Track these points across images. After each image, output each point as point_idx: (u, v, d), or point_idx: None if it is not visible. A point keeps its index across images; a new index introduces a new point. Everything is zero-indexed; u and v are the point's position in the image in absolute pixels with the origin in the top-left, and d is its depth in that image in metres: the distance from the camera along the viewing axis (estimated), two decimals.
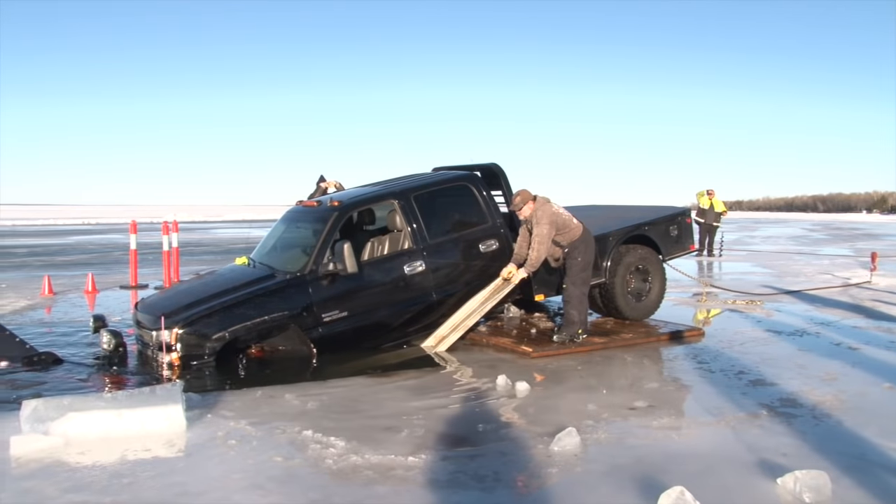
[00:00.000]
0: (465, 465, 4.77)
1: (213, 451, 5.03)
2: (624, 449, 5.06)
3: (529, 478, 4.59)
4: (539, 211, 8.11)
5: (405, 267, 8.19)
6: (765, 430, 5.42)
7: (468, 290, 8.46)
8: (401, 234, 8.42)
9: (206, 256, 21.73)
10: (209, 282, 8.48)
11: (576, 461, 4.81)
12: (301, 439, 5.22)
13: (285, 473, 4.61)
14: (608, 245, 9.22)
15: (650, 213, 10.27)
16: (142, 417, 5.32)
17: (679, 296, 12.33)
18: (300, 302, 7.66)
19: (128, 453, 4.96)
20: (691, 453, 4.95)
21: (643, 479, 4.47)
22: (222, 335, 7.34)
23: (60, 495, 4.31)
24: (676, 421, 5.69)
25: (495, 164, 9.45)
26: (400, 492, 4.34)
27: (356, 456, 4.90)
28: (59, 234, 36.96)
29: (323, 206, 8.58)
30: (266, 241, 9.11)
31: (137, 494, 4.31)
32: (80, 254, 23.79)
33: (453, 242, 8.60)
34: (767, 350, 8.23)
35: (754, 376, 7.05)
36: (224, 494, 4.30)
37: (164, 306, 7.65)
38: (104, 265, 19.16)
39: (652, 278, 9.62)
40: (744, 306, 11.42)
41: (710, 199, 21.06)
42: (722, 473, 4.58)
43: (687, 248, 10.43)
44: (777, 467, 4.58)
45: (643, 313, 9.58)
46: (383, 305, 8.11)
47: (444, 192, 8.90)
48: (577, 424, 5.38)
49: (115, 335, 7.84)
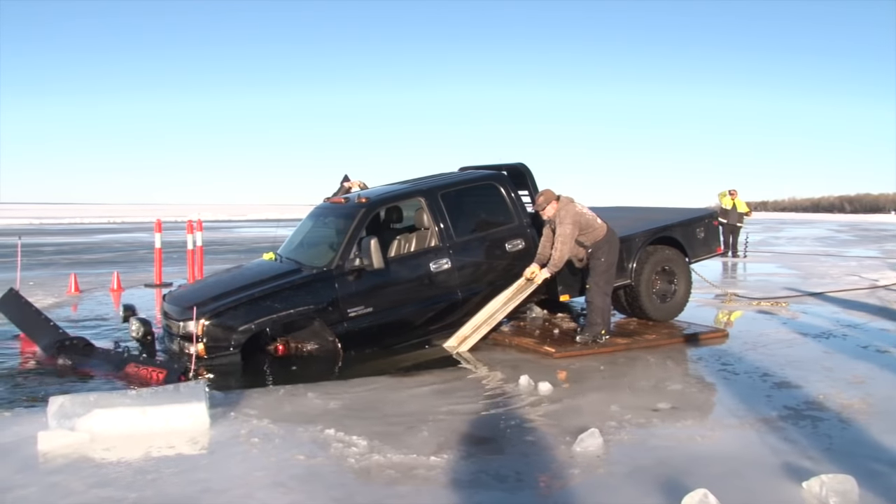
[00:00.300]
0: (487, 464, 4.77)
1: (236, 448, 5.06)
2: (647, 450, 5.03)
3: (551, 478, 4.57)
4: (562, 211, 8.08)
5: (431, 264, 8.20)
6: (790, 433, 5.37)
7: (493, 289, 8.45)
8: (427, 231, 8.44)
9: (229, 255, 21.86)
10: (236, 275, 8.55)
11: (598, 462, 4.79)
12: (323, 438, 5.24)
13: (307, 472, 4.63)
14: (634, 246, 9.17)
15: (677, 215, 10.23)
16: (166, 414, 5.36)
17: (703, 297, 12.23)
18: (326, 296, 7.69)
19: (152, 450, 5.00)
20: (715, 455, 4.91)
21: (666, 481, 4.45)
22: (248, 327, 7.38)
23: (86, 490, 4.35)
24: (700, 423, 5.66)
25: (522, 164, 9.43)
26: (422, 491, 4.34)
27: (378, 455, 4.90)
28: (86, 233, 37.38)
29: (350, 203, 8.61)
30: (293, 237, 9.17)
31: (161, 490, 4.35)
32: (106, 252, 24.04)
33: (479, 241, 8.61)
34: (793, 352, 8.15)
35: (779, 378, 6.98)
36: (247, 492, 4.32)
37: (192, 298, 7.72)
38: (129, 263, 19.34)
39: (677, 280, 9.56)
40: (769, 308, 11.31)
41: (733, 200, 20.87)
42: (746, 476, 4.54)
43: (713, 251, 10.37)
44: (803, 471, 4.53)
45: (668, 314, 9.52)
46: (408, 302, 8.13)
47: (471, 191, 8.91)
48: (599, 425, 5.35)
49: (144, 323, 7.97)
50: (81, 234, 35.72)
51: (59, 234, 35.72)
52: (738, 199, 20.98)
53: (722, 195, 21.08)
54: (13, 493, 4.33)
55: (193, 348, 7.18)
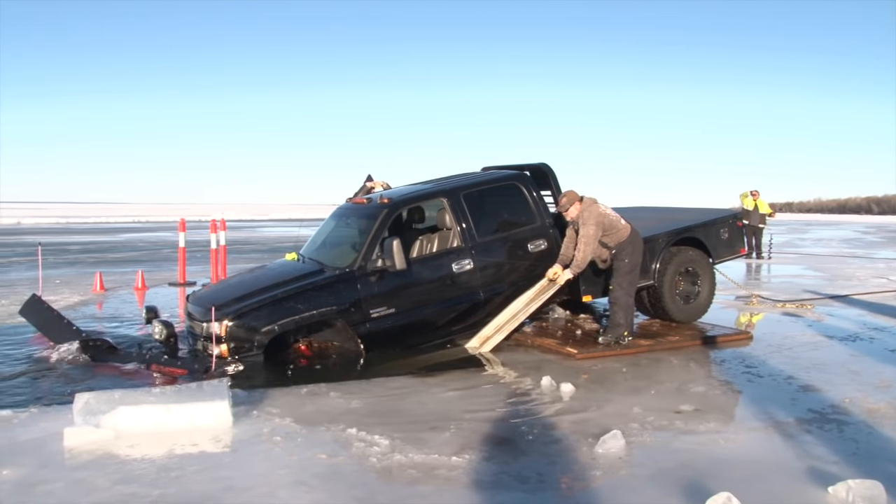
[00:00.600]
0: (508, 465, 4.76)
1: (259, 447, 5.08)
2: (669, 453, 5.00)
3: (573, 480, 4.55)
4: (586, 212, 8.05)
5: (453, 265, 8.20)
6: (815, 436, 5.31)
7: (515, 289, 8.43)
8: (450, 232, 8.44)
9: (252, 254, 22.01)
10: (259, 276, 8.58)
11: (620, 464, 4.77)
12: (345, 437, 5.25)
13: (329, 471, 4.64)
14: (657, 247, 9.12)
15: (700, 216, 10.16)
16: (189, 412, 5.40)
17: (727, 299, 12.14)
18: (348, 297, 7.70)
19: (175, 447, 5.04)
20: (738, 459, 4.87)
21: (689, 483, 4.42)
22: (271, 328, 7.40)
23: (111, 486, 4.39)
24: (723, 425, 5.61)
25: (545, 164, 9.41)
26: (443, 491, 4.34)
27: (400, 455, 4.91)
28: (111, 232, 37.78)
29: (373, 204, 8.62)
30: (316, 237, 9.19)
31: (185, 488, 4.38)
32: (131, 251, 24.27)
33: (502, 241, 8.59)
34: (818, 355, 8.06)
35: (804, 382, 6.91)
36: (269, 490, 4.34)
37: (215, 299, 7.76)
38: (153, 262, 19.52)
39: (701, 281, 9.49)
40: (794, 310, 11.20)
41: (755, 201, 20.68)
42: (770, 480, 4.50)
43: (737, 252, 10.29)
44: (828, 476, 4.48)
45: (691, 316, 9.46)
46: (430, 303, 8.13)
47: (494, 192, 8.90)
48: (622, 427, 5.33)
49: (167, 325, 8.02)
50: (107, 233, 36.09)
51: (85, 233, 36.10)
52: (760, 200, 20.80)
53: (743, 196, 20.89)
54: (39, 488, 4.38)
55: (216, 349, 7.22)
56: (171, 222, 45.88)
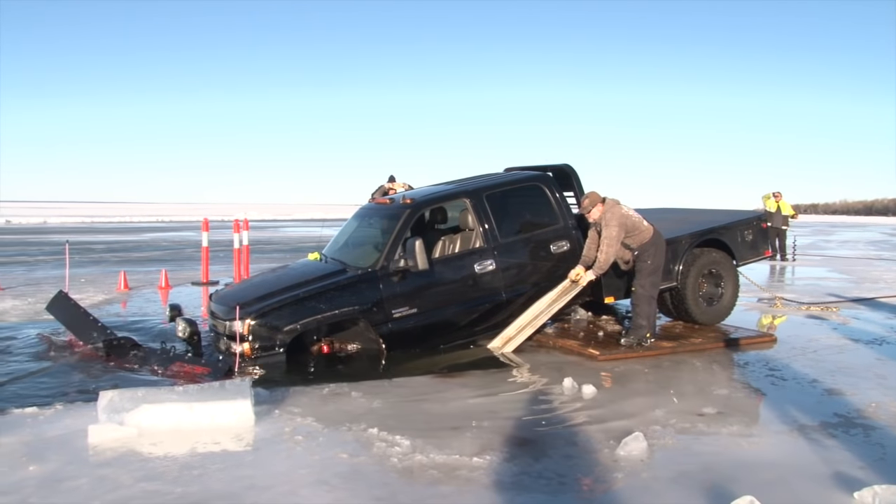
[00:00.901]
0: (529, 466, 4.75)
1: (281, 445, 5.11)
2: (692, 456, 4.97)
3: (594, 482, 4.54)
4: (608, 213, 8.02)
5: (475, 265, 8.20)
6: (840, 441, 5.26)
7: (537, 290, 8.42)
8: (472, 232, 8.44)
9: (275, 254, 22.11)
10: (282, 275, 8.63)
11: (642, 467, 4.75)
12: (366, 437, 5.27)
13: (351, 470, 4.66)
14: (680, 249, 9.07)
15: (724, 217, 10.08)
16: (212, 411, 5.44)
17: (750, 301, 12.04)
18: (371, 297, 7.72)
19: (198, 445, 5.08)
20: (762, 462, 4.84)
21: (711, 487, 4.39)
22: (294, 327, 7.44)
23: (134, 483, 4.44)
24: (746, 429, 5.57)
25: (568, 165, 9.39)
26: (464, 492, 4.35)
27: (421, 455, 4.91)
28: (135, 231, 38.14)
29: (396, 204, 8.65)
30: (338, 238, 9.22)
31: (207, 486, 4.41)
32: (155, 250, 24.48)
33: (524, 242, 8.58)
34: (843, 358, 7.98)
35: (829, 385, 6.84)
36: (291, 489, 4.36)
37: (238, 298, 7.80)
38: (177, 262, 19.67)
39: (724, 283, 9.42)
40: (818, 312, 11.09)
41: (777, 202, 20.51)
42: (794, 484, 4.46)
43: (761, 254, 10.20)
44: (854, 481, 4.43)
45: (714, 318, 9.39)
46: (453, 303, 8.13)
47: (516, 192, 8.88)
48: (643, 429, 5.31)
49: (190, 323, 8.08)
50: (131, 233, 36.43)
51: (110, 233, 36.47)
52: (783, 202, 20.62)
53: (766, 198, 20.71)
54: (65, 484, 4.43)
55: (239, 347, 7.26)
56: (195, 222, 46.23)
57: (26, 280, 14.91)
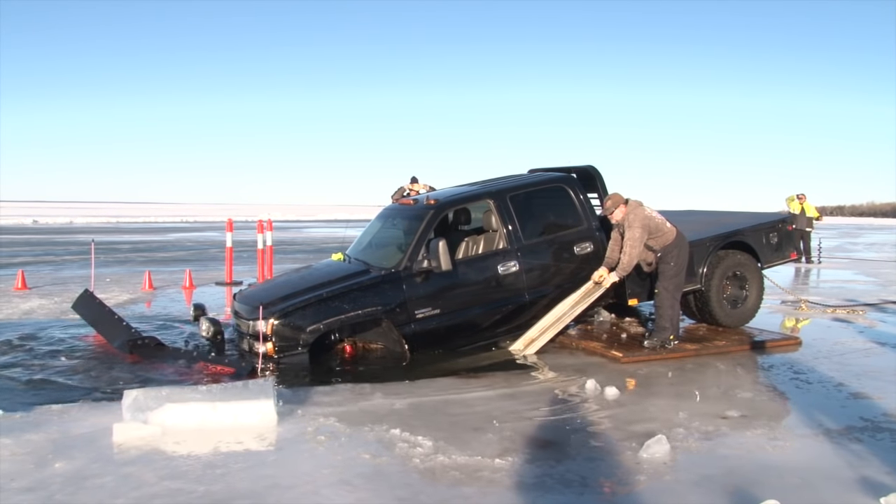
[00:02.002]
0: (552, 468, 4.74)
1: (303, 445, 5.13)
2: (715, 459, 4.94)
3: (617, 484, 4.52)
4: (631, 215, 7.99)
5: (499, 266, 8.19)
6: (867, 445, 5.20)
7: (560, 291, 8.41)
8: (496, 233, 8.44)
9: (298, 255, 22.23)
10: (305, 275, 8.66)
11: (665, 469, 4.72)
12: (389, 437, 5.28)
13: (373, 471, 4.67)
14: (704, 251, 9.01)
15: (749, 220, 10.02)
16: (235, 410, 5.47)
17: (775, 303, 11.94)
18: (394, 298, 7.74)
19: (221, 445, 5.11)
20: (786, 466, 4.79)
21: (735, 490, 4.36)
22: (317, 327, 7.47)
23: (158, 482, 4.47)
24: (771, 432, 5.52)
25: (592, 167, 9.36)
26: (486, 493, 4.35)
27: (443, 456, 4.92)
28: (160, 232, 38.48)
29: (419, 205, 8.67)
30: (362, 238, 9.25)
31: (230, 485, 4.44)
32: (179, 250, 24.68)
33: (548, 244, 8.56)
34: (870, 362, 7.89)
35: (855, 389, 6.77)
36: (313, 488, 4.38)
37: (262, 297, 7.84)
38: (201, 262, 19.83)
39: (749, 285, 9.36)
40: (844, 315, 10.97)
41: (801, 204, 20.34)
42: (819, 489, 4.42)
43: (787, 256, 10.13)
44: (880, 486, 4.39)
45: (739, 320, 9.33)
46: (476, 304, 8.13)
47: (540, 194, 8.86)
48: (666, 432, 5.28)
49: (214, 323, 8.14)
50: (156, 233, 36.76)
51: (135, 233, 36.82)
52: (807, 204, 20.46)
53: (790, 200, 20.55)
54: (90, 481, 4.47)
55: (262, 347, 7.30)
56: (219, 222, 46.56)
57: (53, 279, 15.10)
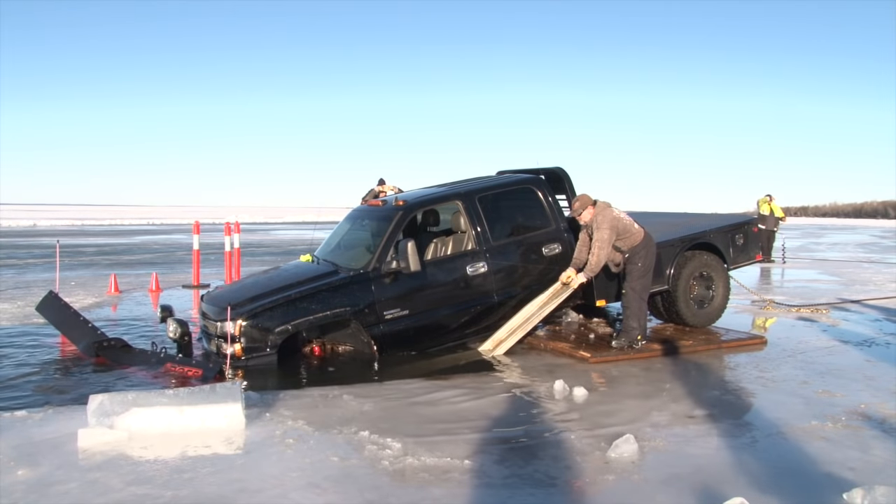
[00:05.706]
0: (521, 469, 4.76)
1: (271, 449, 5.10)
2: (683, 457, 4.98)
3: (586, 484, 4.54)
4: (599, 216, 8.04)
5: (468, 268, 8.20)
6: (830, 442, 5.28)
7: (529, 292, 8.44)
8: (464, 235, 8.45)
9: (266, 257, 22.09)
10: (274, 276, 8.61)
11: (633, 468, 4.75)
12: (358, 440, 5.26)
13: (342, 473, 4.65)
14: (672, 252, 9.10)
15: (715, 221, 10.13)
16: (202, 414, 5.42)
17: (741, 303, 12.08)
18: (363, 299, 7.72)
19: (188, 449, 5.06)
20: (752, 464, 4.85)
21: (702, 488, 4.40)
22: (285, 328, 7.43)
23: (124, 487, 4.42)
24: (737, 430, 5.58)
25: (560, 168, 9.40)
26: (456, 494, 4.35)
27: (412, 458, 4.91)
28: (125, 234, 38.02)
29: (388, 206, 8.65)
30: (330, 239, 9.22)
31: (197, 489, 4.39)
32: (145, 253, 24.41)
33: (516, 245, 8.59)
34: (833, 360, 8.01)
35: (819, 387, 6.86)
36: (281, 492, 4.35)
37: (230, 298, 7.78)
38: (168, 265, 19.62)
39: (715, 286, 9.46)
40: (808, 315, 11.12)
41: (769, 205, 20.65)
42: (785, 485, 4.48)
43: (752, 258, 10.27)
44: (843, 482, 4.45)
45: (705, 320, 9.42)
46: (444, 305, 8.13)
47: (509, 195, 8.88)
48: (635, 431, 5.32)
49: (181, 324, 8.07)
50: (121, 236, 36.31)
51: (100, 235, 36.36)
52: (774, 204, 20.77)
53: (762, 202, 20.83)
54: (55, 488, 4.41)
55: (230, 348, 7.25)
56: (186, 225, 46.16)
57: (16, 283, 14.85)
